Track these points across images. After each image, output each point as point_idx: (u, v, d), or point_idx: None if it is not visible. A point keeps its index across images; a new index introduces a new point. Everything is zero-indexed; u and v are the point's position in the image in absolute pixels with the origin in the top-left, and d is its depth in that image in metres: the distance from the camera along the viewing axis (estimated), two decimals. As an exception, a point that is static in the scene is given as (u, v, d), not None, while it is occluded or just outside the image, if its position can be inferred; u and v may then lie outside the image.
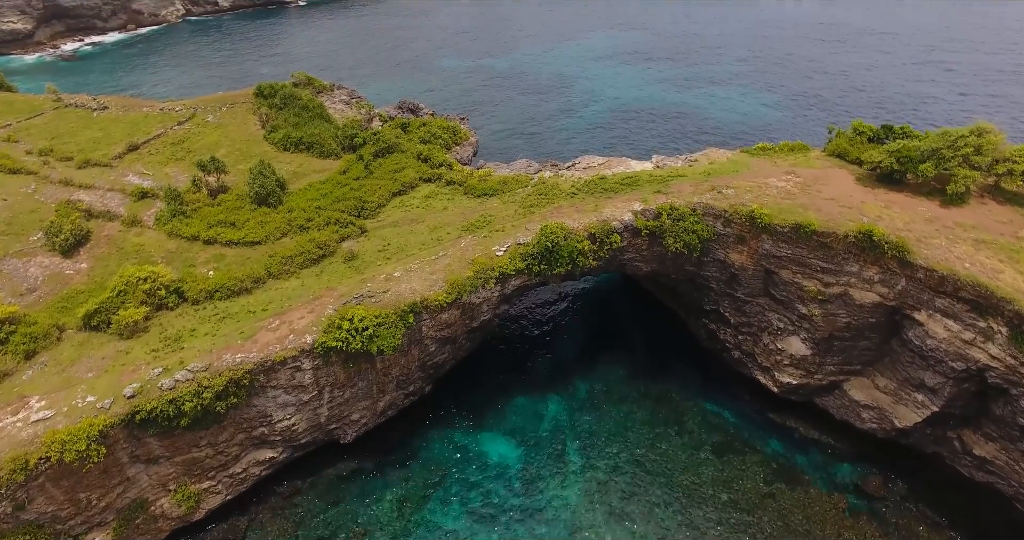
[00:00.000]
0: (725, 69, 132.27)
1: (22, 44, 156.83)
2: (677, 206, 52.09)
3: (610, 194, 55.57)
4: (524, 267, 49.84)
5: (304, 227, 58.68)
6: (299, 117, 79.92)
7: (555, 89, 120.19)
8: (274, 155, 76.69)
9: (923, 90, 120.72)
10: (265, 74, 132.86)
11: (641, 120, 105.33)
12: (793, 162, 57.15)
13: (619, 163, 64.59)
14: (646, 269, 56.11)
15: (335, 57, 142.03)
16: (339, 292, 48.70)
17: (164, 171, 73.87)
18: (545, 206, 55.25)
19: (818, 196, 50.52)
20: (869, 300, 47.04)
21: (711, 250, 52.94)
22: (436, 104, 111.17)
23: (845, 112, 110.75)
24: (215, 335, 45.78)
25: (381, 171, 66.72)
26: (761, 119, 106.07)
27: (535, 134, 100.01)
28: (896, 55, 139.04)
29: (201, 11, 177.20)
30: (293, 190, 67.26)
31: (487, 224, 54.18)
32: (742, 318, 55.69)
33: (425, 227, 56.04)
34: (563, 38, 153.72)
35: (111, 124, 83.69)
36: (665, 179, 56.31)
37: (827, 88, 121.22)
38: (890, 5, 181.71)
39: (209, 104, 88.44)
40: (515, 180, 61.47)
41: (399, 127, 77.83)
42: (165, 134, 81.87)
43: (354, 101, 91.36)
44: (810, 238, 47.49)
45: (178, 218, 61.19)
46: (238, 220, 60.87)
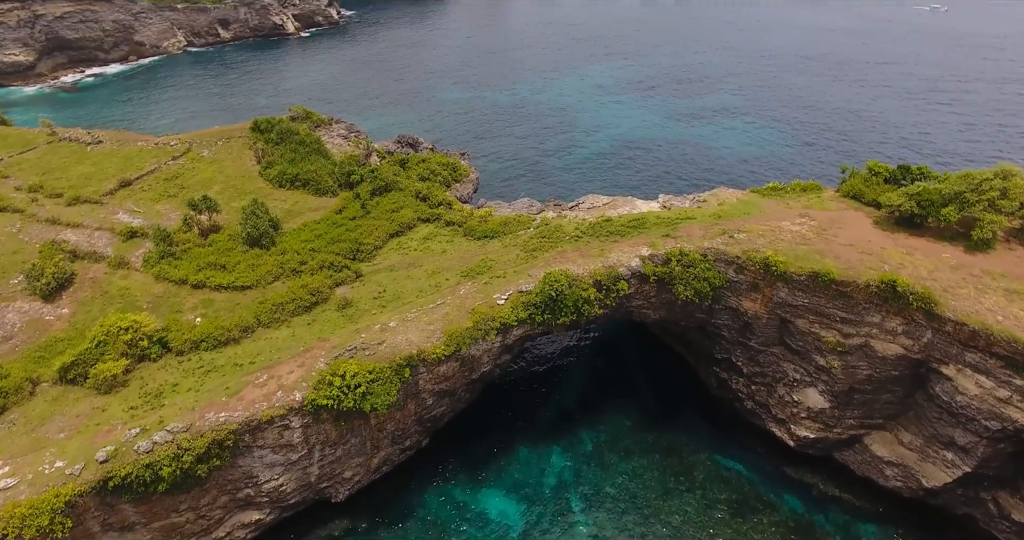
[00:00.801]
0: (727, 100, 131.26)
1: (23, 76, 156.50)
2: (687, 251, 49.71)
3: (616, 237, 53.25)
4: (527, 317, 47.29)
5: (297, 271, 56.28)
6: (295, 153, 78.06)
7: (556, 121, 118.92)
8: (269, 192, 74.71)
9: (928, 118, 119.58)
10: (264, 105, 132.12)
11: (645, 154, 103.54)
12: (806, 203, 54.94)
13: (625, 203, 62.45)
14: (654, 316, 53.54)
15: (335, 88, 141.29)
16: (331, 343, 46.08)
17: (156, 208, 71.80)
18: (548, 250, 52.89)
19: (835, 241, 48.17)
20: (892, 352, 44.38)
21: (723, 297, 50.43)
22: (436, 137, 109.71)
23: (850, 143, 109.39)
24: (199, 390, 43.04)
25: (378, 210, 64.56)
26: (767, 152, 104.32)
27: (537, 169, 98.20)
28: (898, 87, 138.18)
29: (202, 42, 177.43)
30: (287, 230, 65.04)
31: (488, 269, 51.77)
32: (755, 368, 52.94)
33: (423, 272, 53.62)
34: (563, 69, 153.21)
35: (104, 159, 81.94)
36: (673, 222, 54.04)
37: (832, 119, 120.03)
38: (888, 39, 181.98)
39: (205, 138, 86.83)
40: (517, 221, 59.23)
41: (398, 163, 75.96)
42: (159, 169, 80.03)
43: (352, 135, 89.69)
44: (829, 287, 45.01)
45: (166, 260, 58.82)
46: (229, 262, 58.50)
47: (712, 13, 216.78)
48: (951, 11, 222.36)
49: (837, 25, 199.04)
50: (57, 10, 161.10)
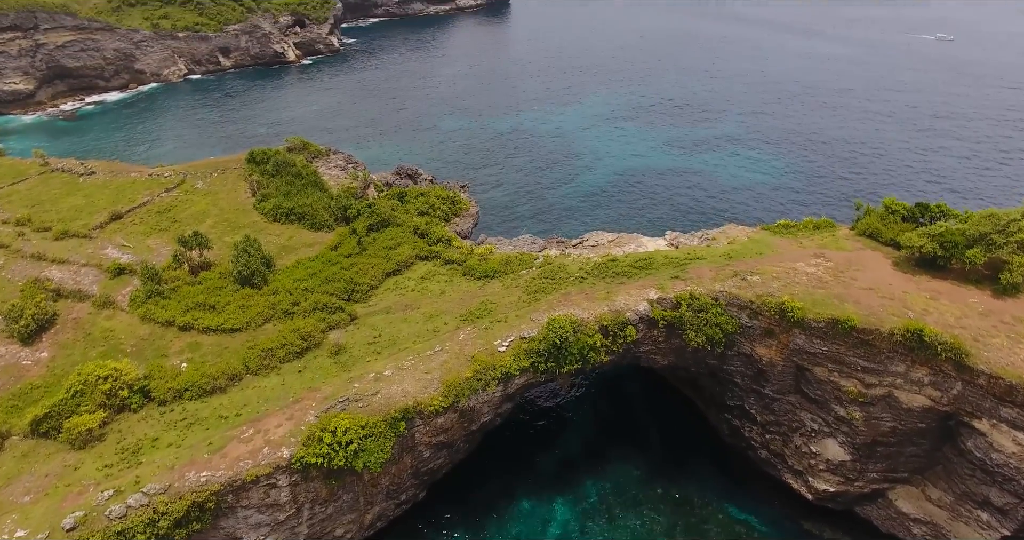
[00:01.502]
0: (730, 129, 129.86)
1: (23, 104, 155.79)
2: (697, 295, 47.30)
3: (623, 279, 50.87)
4: (529, 365, 44.72)
5: (289, 312, 53.83)
6: (291, 185, 76.19)
7: (558, 150, 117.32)
8: (263, 226, 72.69)
9: (935, 151, 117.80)
10: (264, 134, 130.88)
11: (649, 185, 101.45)
12: (820, 243, 52.67)
13: (630, 240, 60.23)
14: (663, 362, 50.93)
15: (335, 117, 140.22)
16: (323, 394, 43.44)
17: (146, 243, 69.74)
18: (552, 292, 50.49)
19: (854, 284, 45.77)
20: (918, 404, 41.71)
21: (735, 343, 47.88)
22: (436, 168, 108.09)
23: (858, 176, 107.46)
24: (180, 446, 40.31)
25: (375, 247, 62.32)
26: (773, 185, 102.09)
27: (539, 201, 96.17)
28: (903, 118, 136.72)
29: (203, 70, 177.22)
30: (280, 267, 62.78)
31: (488, 313, 49.31)
32: (770, 416, 50.17)
33: (420, 315, 51.15)
34: (564, 97, 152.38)
35: (96, 191, 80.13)
36: (682, 262, 51.72)
37: (837, 150, 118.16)
38: (892, 68, 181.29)
39: (199, 169, 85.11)
40: (518, 260, 56.92)
41: (396, 197, 73.94)
42: (151, 201, 78.17)
43: (350, 166, 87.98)
44: (849, 335, 42.51)
45: (154, 300, 56.44)
46: (219, 302, 56.09)
47: (713, 41, 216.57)
48: (957, 40, 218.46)
49: (839, 54, 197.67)
50: (59, 39, 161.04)
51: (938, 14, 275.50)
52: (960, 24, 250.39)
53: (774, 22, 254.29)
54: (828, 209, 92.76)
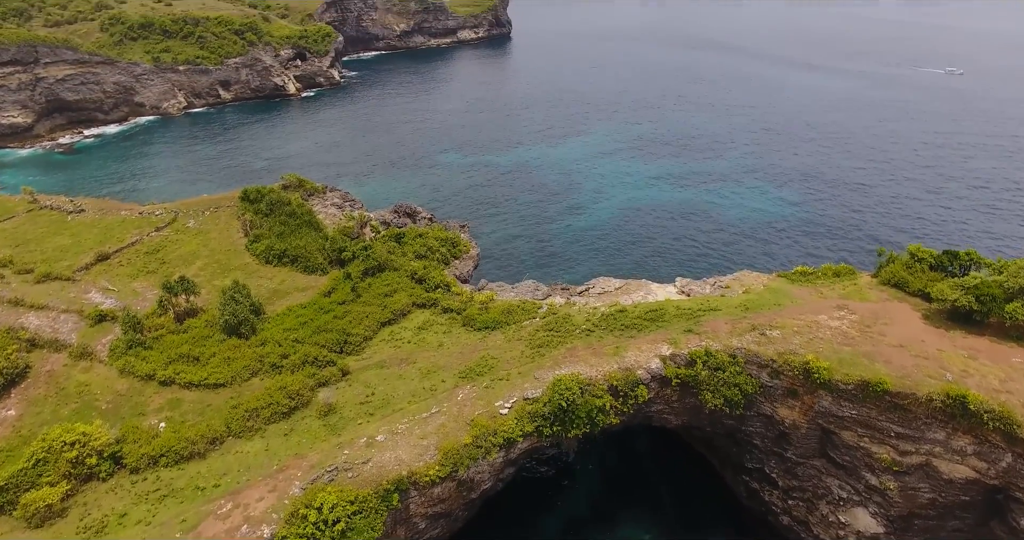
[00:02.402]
0: (737, 166, 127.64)
1: (20, 137, 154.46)
2: (713, 352, 44.04)
3: (632, 332, 47.65)
4: (533, 430, 41.26)
5: (277, 366, 50.53)
6: (285, 226, 73.55)
7: (561, 187, 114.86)
8: (255, 269, 69.84)
9: (949, 185, 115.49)
10: (262, 168, 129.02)
11: (655, 225, 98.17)
12: (842, 293, 49.56)
13: (638, 287, 57.17)
14: (676, 422, 47.45)
15: (334, 151, 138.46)
16: (309, 462, 39.91)
17: (132, 286, 66.81)
18: (557, 346, 47.23)
19: (883, 341, 42.53)
20: (961, 475, 38.14)
21: (755, 403, 44.46)
22: (435, 205, 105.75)
23: (870, 217, 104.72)
24: (150, 523, 36.65)
25: (370, 294, 59.26)
26: (784, 226, 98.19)
27: (541, 240, 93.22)
28: (913, 156, 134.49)
29: (203, 103, 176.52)
30: (270, 314, 59.66)
31: (489, 369, 46.00)
32: (793, 481, 46.47)
33: (417, 370, 47.82)
34: (566, 131, 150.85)
35: (84, 229, 77.59)
36: (695, 314, 48.55)
37: (846, 192, 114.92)
38: (903, 105, 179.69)
39: (192, 207, 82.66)
40: (521, 309, 53.78)
41: (393, 238, 71.19)
42: (140, 241, 75.53)
43: (347, 205, 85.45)
44: (881, 398, 39.14)
45: (135, 350, 53.23)
46: (204, 354, 52.88)
47: (716, 75, 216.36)
48: (967, 75, 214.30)
49: (846, 88, 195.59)
50: (59, 73, 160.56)
51: (948, 49, 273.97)
52: (969, 57, 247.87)
53: (777, 56, 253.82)
54: (842, 253, 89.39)
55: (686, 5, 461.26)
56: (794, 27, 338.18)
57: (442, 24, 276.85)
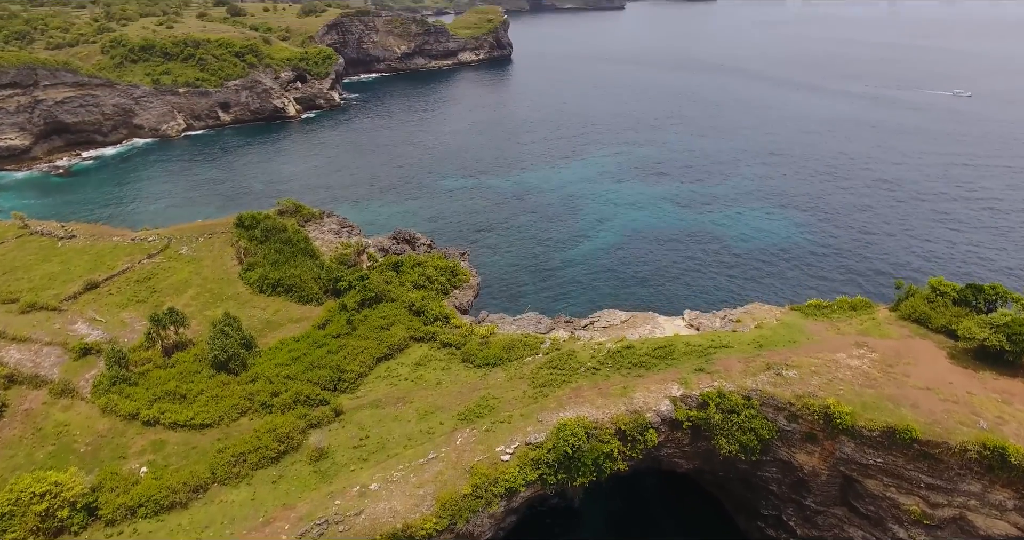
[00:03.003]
0: (742, 192, 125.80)
1: (17, 160, 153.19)
2: (727, 393, 41.66)
3: (640, 371, 45.31)
4: (536, 478, 38.77)
5: (267, 404, 48.15)
6: (280, 253, 71.49)
7: (563, 211, 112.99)
8: (248, 298, 67.74)
9: (965, 214, 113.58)
10: (260, 191, 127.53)
11: (660, 253, 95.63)
12: (861, 328, 47.29)
13: (645, 321, 54.94)
14: (687, 466, 44.93)
15: (333, 174, 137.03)
16: (298, 513, 37.35)
17: (120, 316, 64.64)
18: (561, 386, 44.85)
19: (907, 383, 40.17)
20: (1000, 531, 35.59)
21: (772, 448, 41.96)
22: (435, 229, 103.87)
23: (881, 245, 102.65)
24: (123, 583, 34.05)
25: (366, 326, 57.01)
26: (793, 252, 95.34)
27: (544, 267, 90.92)
28: (924, 182, 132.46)
29: (202, 125, 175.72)
30: (263, 347, 57.37)
31: (489, 411, 43.58)
32: (812, 530, 43.81)
33: (413, 410, 45.39)
34: (568, 154, 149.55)
35: (74, 256, 75.59)
36: (706, 351, 46.25)
37: (856, 214, 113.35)
38: (908, 127, 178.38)
39: (185, 233, 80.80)
40: (523, 344, 51.49)
41: (391, 267, 69.10)
42: (131, 269, 73.51)
43: (345, 231, 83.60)
44: (909, 446, 36.70)
45: (119, 387, 50.88)
46: (191, 391, 50.50)
47: (718, 98, 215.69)
48: (975, 97, 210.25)
49: (851, 111, 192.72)
50: (58, 95, 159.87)
51: (953, 70, 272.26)
52: (975, 79, 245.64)
53: (779, 78, 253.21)
54: (853, 281, 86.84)
55: (686, 27, 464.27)
56: (797, 48, 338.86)
57: (443, 46, 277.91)
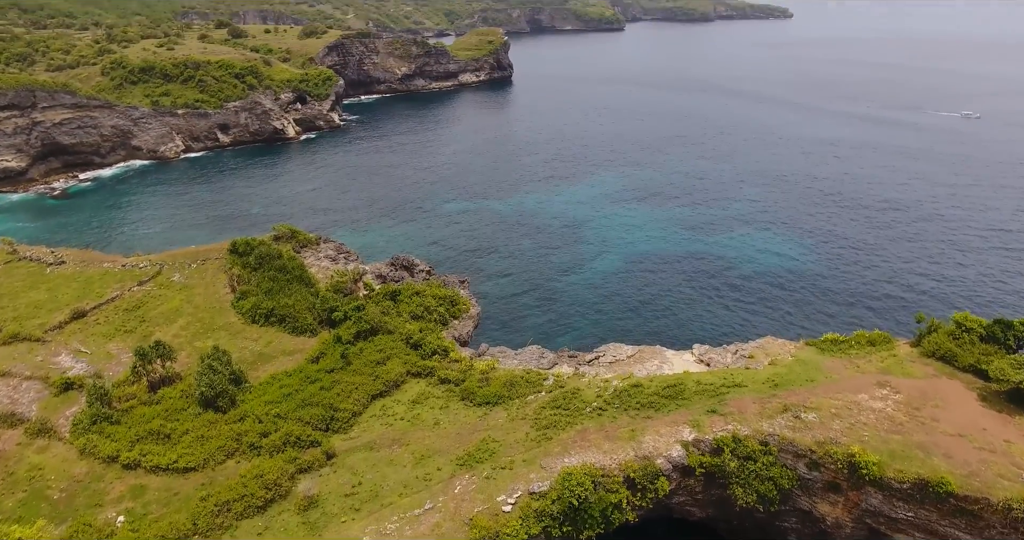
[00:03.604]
0: (746, 211, 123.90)
1: (13, 182, 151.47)
2: (742, 437, 39.16)
3: (649, 412, 42.81)
4: (540, 531, 36.11)
5: (256, 446, 45.62)
6: (274, 281, 69.33)
7: (565, 236, 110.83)
8: (240, 328, 65.43)
9: (982, 243, 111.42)
10: (257, 214, 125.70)
11: (665, 280, 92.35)
12: (881, 366, 44.86)
13: (652, 355, 52.52)
14: (700, 514, 42.24)
15: (332, 196, 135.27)
16: (282, 571, 34.68)
17: (107, 348, 62.34)
18: (565, 428, 42.33)
19: (937, 429, 37.68)
20: (1039, 595, 32.80)
21: (792, 497, 39.31)
22: (435, 254, 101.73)
23: (886, 259, 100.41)
24: None
25: (361, 361, 54.58)
26: (803, 281, 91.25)
27: (546, 295, 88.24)
28: (936, 206, 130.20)
29: (201, 147, 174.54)
30: (253, 381, 54.98)
31: (490, 455, 41.02)
32: (835, 584, 40.89)
33: (409, 454, 42.81)
34: (569, 176, 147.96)
35: (62, 283, 73.46)
36: (719, 390, 43.80)
37: (868, 242, 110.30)
38: (916, 152, 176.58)
39: (178, 259, 78.70)
40: (525, 381, 49.05)
41: (388, 296, 66.81)
42: (121, 296, 71.32)
43: (341, 257, 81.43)
44: (944, 501, 34.10)
45: (99, 426, 48.46)
46: (176, 430, 48.03)
47: (720, 121, 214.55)
48: (984, 118, 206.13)
49: (858, 134, 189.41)
50: (56, 117, 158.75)
51: (962, 89, 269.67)
52: (985, 100, 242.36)
53: (783, 100, 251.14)
54: (869, 315, 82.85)
55: (685, 47, 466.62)
56: (797, 69, 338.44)
57: (443, 67, 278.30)
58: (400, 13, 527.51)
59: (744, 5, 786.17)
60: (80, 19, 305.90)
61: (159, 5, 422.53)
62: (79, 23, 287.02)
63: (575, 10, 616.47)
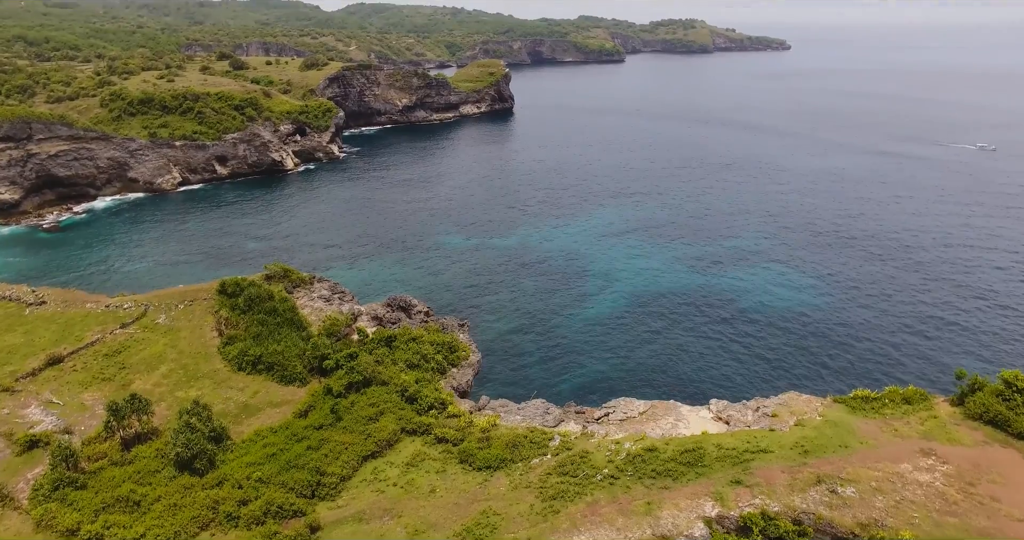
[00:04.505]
0: (753, 246, 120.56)
1: (5, 214, 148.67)
2: (772, 514, 35.03)
3: (666, 481, 38.73)
4: (549, 630, 31.76)
5: (233, 516, 41.45)
6: (263, 325, 65.77)
7: (568, 273, 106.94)
8: (226, 376, 61.69)
9: (983, 259, 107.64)
10: (252, 249, 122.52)
11: (674, 321, 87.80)
12: (922, 430, 40.84)
13: (666, 411, 48.56)
14: (728, 599, 37.73)
15: (329, 231, 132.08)
16: None
17: (81, 398, 58.57)
18: (574, 499, 38.21)
19: (999, 511, 33.46)
20: None
21: (830, 582, 34.98)
22: (434, 292, 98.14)
23: (903, 300, 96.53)
24: None
25: (352, 416, 50.62)
26: (817, 318, 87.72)
27: (549, 338, 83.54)
28: (936, 240, 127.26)
29: (198, 179, 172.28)
30: (236, 438, 51.03)
31: (491, 531, 36.85)
32: None
33: (402, 528, 38.59)
34: (571, 211, 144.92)
35: (41, 325, 69.95)
36: (742, 457, 39.76)
37: (879, 268, 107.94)
38: (928, 183, 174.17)
39: (164, 300, 75.21)
40: (529, 441, 45.07)
41: (383, 341, 63.00)
42: (102, 340, 67.77)
43: (336, 297, 77.94)
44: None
45: (62, 491, 44.36)
46: (147, 497, 43.95)
47: (724, 151, 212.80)
48: (1000, 150, 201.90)
49: (870, 166, 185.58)
50: (52, 149, 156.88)
51: (970, 120, 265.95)
52: (998, 132, 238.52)
53: (790, 132, 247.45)
54: (892, 364, 77.11)
55: (685, 79, 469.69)
56: (804, 101, 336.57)
57: (444, 99, 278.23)
58: (402, 45, 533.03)
59: (742, 37, 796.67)
60: (84, 52, 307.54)
61: (164, 38, 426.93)
62: (83, 56, 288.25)
63: (575, 42, 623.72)
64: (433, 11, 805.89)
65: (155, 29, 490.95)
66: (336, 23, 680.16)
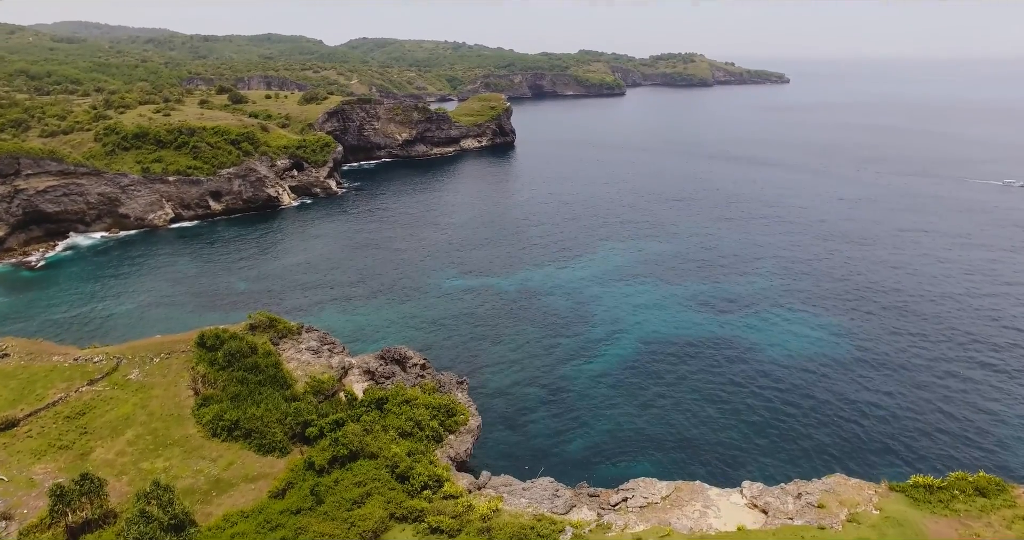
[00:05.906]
0: (766, 286, 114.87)
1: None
2: None
3: (705, 597, 32.46)
4: None
5: (186, 632, 34.99)
6: (243, 384, 60.19)
7: (574, 319, 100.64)
8: (199, 443, 55.77)
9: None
10: (242, 291, 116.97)
11: (690, 375, 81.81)
12: (1008, 534, 34.62)
13: (691, 495, 42.39)
14: None
15: (323, 272, 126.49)
16: None
17: (30, 472, 52.59)
18: (594, 621, 31.89)
19: None
20: None
21: None
22: (431, 340, 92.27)
23: (942, 347, 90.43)
24: None
25: (335, 499, 44.39)
26: (848, 368, 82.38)
27: (556, 393, 76.28)
28: (962, 282, 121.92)
29: (191, 215, 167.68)
30: (203, 522, 44.77)
31: None
32: None
33: None
34: (575, 249, 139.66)
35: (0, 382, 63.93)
36: (793, 564, 33.53)
37: (906, 313, 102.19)
38: (956, 226, 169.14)
39: (139, 352, 69.60)
40: (536, 533, 38.87)
41: (374, 404, 57.05)
42: (65, 399, 61.98)
43: (325, 348, 72.26)
44: None
45: (-6, 595, 37.78)
46: (90, 602, 37.40)
47: (731, 186, 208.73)
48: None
49: (886, 203, 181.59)
50: (41, 184, 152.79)
51: (988, 155, 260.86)
52: (1019, 166, 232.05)
53: (802, 166, 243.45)
54: (950, 444, 66.39)
55: (687, 112, 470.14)
56: (810, 135, 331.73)
57: (445, 133, 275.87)
58: (403, 79, 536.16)
59: (741, 70, 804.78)
60: (85, 86, 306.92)
61: (166, 72, 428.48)
62: (83, 89, 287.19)
63: (576, 75, 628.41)
64: (435, 45, 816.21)
65: (159, 63, 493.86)
66: (339, 57, 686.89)
